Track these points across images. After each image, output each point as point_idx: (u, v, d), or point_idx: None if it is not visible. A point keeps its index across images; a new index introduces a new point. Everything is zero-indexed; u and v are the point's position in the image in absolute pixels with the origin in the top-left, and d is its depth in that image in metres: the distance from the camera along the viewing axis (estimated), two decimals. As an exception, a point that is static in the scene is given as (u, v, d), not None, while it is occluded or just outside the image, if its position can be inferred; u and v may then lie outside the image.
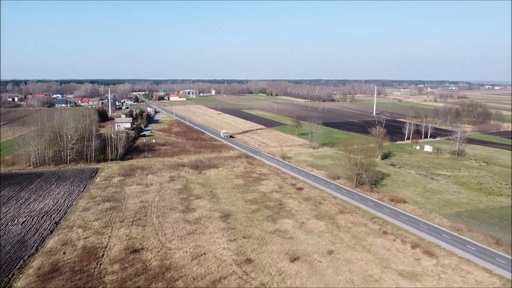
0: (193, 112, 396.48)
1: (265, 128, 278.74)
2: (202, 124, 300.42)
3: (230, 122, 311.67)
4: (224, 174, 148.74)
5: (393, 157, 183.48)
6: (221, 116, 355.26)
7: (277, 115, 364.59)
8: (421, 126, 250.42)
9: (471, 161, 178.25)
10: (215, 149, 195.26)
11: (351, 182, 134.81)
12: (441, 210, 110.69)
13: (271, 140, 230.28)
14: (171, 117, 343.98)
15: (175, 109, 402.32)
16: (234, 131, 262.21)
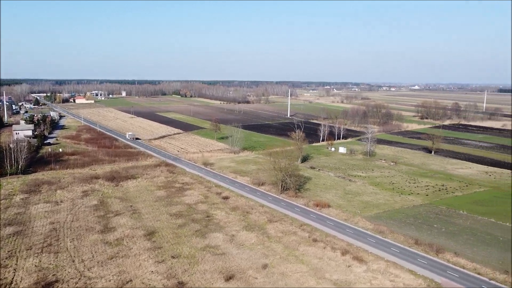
0: (103, 116, 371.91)
1: (183, 133, 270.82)
2: (115, 129, 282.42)
3: (145, 127, 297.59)
4: (144, 185, 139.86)
5: (311, 160, 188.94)
6: (135, 120, 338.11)
7: (194, 118, 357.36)
8: (334, 127, 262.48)
9: (382, 161, 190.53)
10: (131, 157, 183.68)
11: (276, 188, 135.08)
12: (363, 212, 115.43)
13: (191, 145, 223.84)
14: (79, 122, 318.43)
15: (83, 113, 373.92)
16: (150, 136, 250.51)
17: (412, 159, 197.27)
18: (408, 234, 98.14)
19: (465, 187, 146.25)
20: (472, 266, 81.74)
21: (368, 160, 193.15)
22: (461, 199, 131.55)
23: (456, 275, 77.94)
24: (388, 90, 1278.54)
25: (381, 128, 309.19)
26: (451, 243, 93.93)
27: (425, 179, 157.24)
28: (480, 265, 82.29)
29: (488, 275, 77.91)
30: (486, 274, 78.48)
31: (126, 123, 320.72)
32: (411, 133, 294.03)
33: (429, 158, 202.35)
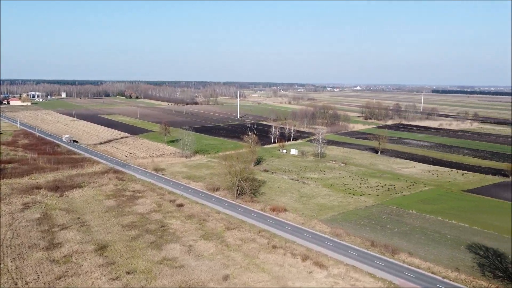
0: (42, 119, 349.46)
1: (131, 136, 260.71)
2: (56, 133, 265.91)
3: (89, 131, 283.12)
4: (91, 194, 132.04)
5: (264, 163, 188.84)
6: (77, 124, 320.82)
7: (142, 121, 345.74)
8: (284, 129, 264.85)
9: (332, 163, 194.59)
10: (76, 164, 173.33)
11: (231, 193, 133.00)
12: (319, 215, 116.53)
13: (139, 150, 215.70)
14: (15, 126, 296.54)
15: (19, 116, 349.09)
16: (95, 141, 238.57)
17: (360, 160, 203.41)
18: (364, 236, 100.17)
19: (412, 186, 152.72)
20: (426, 265, 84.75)
21: (319, 162, 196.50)
22: (409, 198, 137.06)
23: (412, 275, 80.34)
24: (332, 91, 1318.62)
25: (329, 129, 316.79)
26: (404, 243, 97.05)
27: (374, 179, 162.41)
28: (433, 264, 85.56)
29: (441, 274, 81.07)
30: (439, 272, 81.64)
31: (68, 126, 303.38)
32: (358, 134, 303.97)
33: (376, 158, 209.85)
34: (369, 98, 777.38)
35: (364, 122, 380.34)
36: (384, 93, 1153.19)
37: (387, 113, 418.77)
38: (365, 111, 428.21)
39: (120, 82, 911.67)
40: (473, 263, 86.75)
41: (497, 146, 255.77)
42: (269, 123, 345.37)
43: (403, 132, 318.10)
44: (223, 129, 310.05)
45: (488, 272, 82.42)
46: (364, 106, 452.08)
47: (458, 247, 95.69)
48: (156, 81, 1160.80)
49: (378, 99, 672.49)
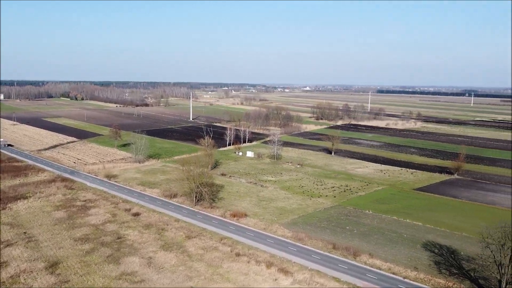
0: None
1: (78, 141, 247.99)
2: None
3: (32, 135, 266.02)
4: (38, 206, 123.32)
5: (221, 166, 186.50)
6: (19, 128, 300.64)
7: (89, 124, 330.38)
8: (239, 131, 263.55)
9: (289, 164, 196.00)
10: (18, 172, 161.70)
11: (189, 200, 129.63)
12: (280, 219, 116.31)
13: (89, 155, 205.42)
14: None
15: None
16: (40, 146, 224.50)
17: (315, 161, 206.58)
18: (325, 239, 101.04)
19: (366, 186, 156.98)
20: (387, 266, 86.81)
21: (275, 164, 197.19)
22: (365, 199, 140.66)
23: (375, 277, 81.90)
24: (283, 91, 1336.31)
25: (282, 130, 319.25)
26: (364, 244, 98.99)
27: (330, 180, 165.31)
28: (393, 264, 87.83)
29: (401, 274, 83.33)
30: (400, 273, 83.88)
31: (8, 131, 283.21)
32: (311, 134, 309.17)
33: (330, 159, 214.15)
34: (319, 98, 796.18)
35: (316, 122, 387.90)
36: (333, 93, 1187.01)
37: (337, 113, 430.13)
38: (316, 112, 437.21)
39: (64, 83, 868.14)
40: (429, 261, 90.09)
41: (440, 145, 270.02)
42: (223, 124, 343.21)
43: (353, 132, 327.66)
44: (176, 132, 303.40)
45: (444, 270, 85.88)
46: (315, 106, 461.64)
47: (414, 246, 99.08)
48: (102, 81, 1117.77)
49: (327, 100, 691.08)
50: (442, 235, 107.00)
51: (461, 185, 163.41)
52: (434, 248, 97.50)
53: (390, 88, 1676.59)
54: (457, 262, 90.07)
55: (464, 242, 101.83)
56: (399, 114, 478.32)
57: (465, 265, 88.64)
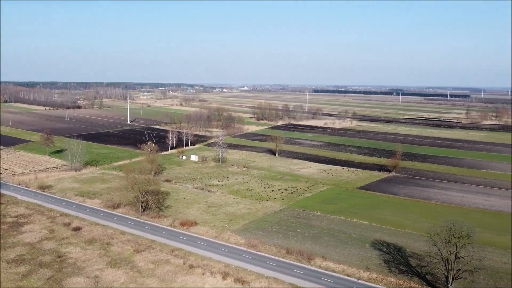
0: None
1: (4, 148, 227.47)
2: None
3: None
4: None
5: (165, 172, 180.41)
6: None
7: (16, 129, 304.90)
8: (182, 133, 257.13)
9: (234, 167, 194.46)
10: None
11: (135, 210, 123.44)
12: (231, 226, 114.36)
13: (17, 164, 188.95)
14: None
15: None
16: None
17: (261, 163, 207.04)
18: (278, 244, 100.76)
19: (312, 187, 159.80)
20: (340, 268, 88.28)
21: (221, 167, 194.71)
22: (312, 200, 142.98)
23: (330, 280, 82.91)
24: (221, 91, 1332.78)
25: (224, 132, 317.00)
26: (316, 247, 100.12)
27: (277, 182, 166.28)
28: (346, 265, 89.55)
29: (355, 275, 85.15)
30: (353, 274, 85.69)
31: None
32: (253, 135, 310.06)
33: (275, 160, 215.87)
34: (258, 98, 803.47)
35: (257, 123, 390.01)
36: (271, 93, 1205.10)
37: (277, 113, 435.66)
38: (257, 112, 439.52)
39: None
40: (379, 260, 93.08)
41: (375, 143, 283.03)
42: (163, 127, 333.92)
43: (294, 132, 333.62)
44: (113, 136, 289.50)
45: (394, 268, 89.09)
46: (255, 107, 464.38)
47: (363, 245, 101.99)
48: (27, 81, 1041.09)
49: (266, 100, 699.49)
50: (388, 233, 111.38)
51: (399, 182, 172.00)
52: (382, 246, 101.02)
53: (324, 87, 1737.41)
54: (404, 259, 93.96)
55: (408, 239, 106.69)
56: (336, 113, 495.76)
57: (412, 262, 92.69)
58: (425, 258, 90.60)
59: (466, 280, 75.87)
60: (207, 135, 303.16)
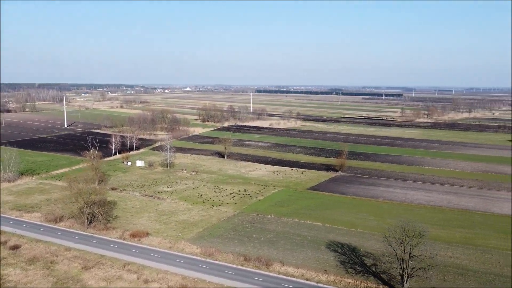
0: None
1: None
2: None
3: None
4: None
5: (110, 179, 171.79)
6: None
7: None
8: (126, 138, 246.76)
9: (183, 172, 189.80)
10: None
11: (79, 222, 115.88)
12: (185, 234, 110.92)
13: None
14: None
15: None
16: None
17: (210, 166, 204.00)
18: (235, 251, 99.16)
19: (263, 190, 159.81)
20: (299, 272, 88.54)
21: (169, 172, 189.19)
22: (265, 203, 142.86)
23: (290, 286, 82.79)
24: (163, 92, 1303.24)
25: (170, 135, 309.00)
26: (274, 252, 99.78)
27: (228, 186, 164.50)
28: (304, 269, 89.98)
29: (314, 279, 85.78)
30: (312, 278, 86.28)
31: None
32: (200, 138, 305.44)
33: (224, 163, 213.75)
34: (201, 99, 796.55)
35: (203, 125, 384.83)
36: (214, 94, 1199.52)
37: (222, 115, 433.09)
38: (202, 114, 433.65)
39: None
40: (336, 262, 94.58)
41: (320, 143, 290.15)
42: (104, 131, 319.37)
43: (241, 134, 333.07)
44: (50, 142, 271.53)
45: (350, 269, 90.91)
46: (201, 108, 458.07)
47: (319, 247, 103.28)
48: None
49: (210, 100, 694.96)
50: (341, 233, 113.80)
51: (346, 181, 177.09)
52: (337, 247, 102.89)
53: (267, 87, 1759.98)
54: (359, 259, 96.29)
55: (360, 238, 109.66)
56: (280, 113, 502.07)
57: (366, 261, 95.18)
58: (379, 256, 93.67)
59: (420, 278, 79.01)
60: (152, 138, 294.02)
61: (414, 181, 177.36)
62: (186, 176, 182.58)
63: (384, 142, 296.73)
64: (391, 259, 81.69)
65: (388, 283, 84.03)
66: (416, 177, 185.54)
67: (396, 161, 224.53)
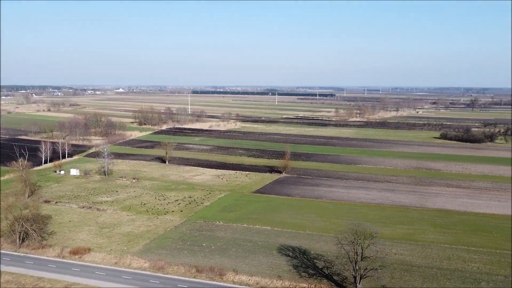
0: None
1: None
2: None
3: None
4: None
5: (41, 191, 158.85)
6: None
7: None
8: (56, 144, 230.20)
9: (123, 179, 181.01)
10: None
11: (10, 242, 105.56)
12: (131, 248, 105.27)
13: None
14: None
15: None
16: None
17: (151, 172, 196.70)
18: (186, 263, 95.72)
19: (209, 195, 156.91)
20: (254, 280, 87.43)
21: (107, 181, 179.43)
22: (212, 209, 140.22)
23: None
24: (94, 94, 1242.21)
25: (106, 140, 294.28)
26: (226, 260, 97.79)
27: (172, 193, 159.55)
28: (258, 277, 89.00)
29: (269, 286, 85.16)
30: (267, 285, 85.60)
31: None
32: (138, 142, 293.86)
33: (166, 168, 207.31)
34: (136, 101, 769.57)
35: (140, 128, 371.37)
36: (149, 95, 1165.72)
37: (160, 117, 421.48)
38: (138, 116, 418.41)
39: None
40: (289, 267, 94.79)
41: (261, 144, 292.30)
42: (31, 137, 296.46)
43: (180, 137, 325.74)
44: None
45: (303, 273, 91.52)
46: (137, 111, 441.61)
47: (271, 252, 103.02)
48: None
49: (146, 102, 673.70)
50: (291, 236, 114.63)
51: (290, 182, 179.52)
52: (288, 251, 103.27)
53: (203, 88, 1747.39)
54: (311, 262, 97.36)
55: (310, 240, 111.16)
56: (219, 115, 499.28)
57: (318, 263, 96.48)
58: (329, 258, 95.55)
59: (372, 278, 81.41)
60: (86, 144, 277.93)
61: (354, 180, 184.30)
62: (127, 184, 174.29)
63: (322, 142, 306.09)
64: (344, 261, 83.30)
65: (341, 285, 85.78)
66: (355, 175, 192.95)
67: (336, 160, 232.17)
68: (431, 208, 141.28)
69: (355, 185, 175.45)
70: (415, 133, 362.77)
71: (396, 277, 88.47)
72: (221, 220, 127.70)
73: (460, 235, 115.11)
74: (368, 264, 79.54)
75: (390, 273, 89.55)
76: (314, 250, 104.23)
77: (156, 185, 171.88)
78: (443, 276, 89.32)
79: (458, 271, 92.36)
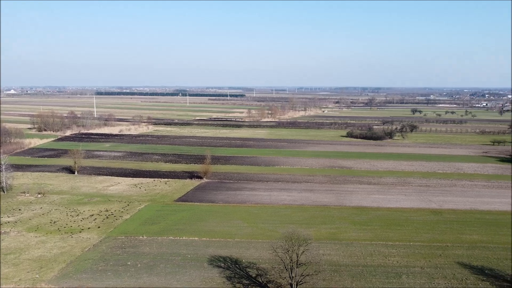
0: None
1: None
2: None
3: None
4: None
5: None
6: None
7: None
8: None
9: (25, 195, 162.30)
10: None
11: None
12: (44, 275, 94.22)
13: None
14: None
15: None
16: None
17: (59, 185, 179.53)
18: (111, 286, 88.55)
19: (128, 207, 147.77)
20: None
21: (7, 198, 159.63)
22: (133, 222, 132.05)
23: (182, 315, 77.58)
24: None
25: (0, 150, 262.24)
26: (155, 279, 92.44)
27: (86, 207, 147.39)
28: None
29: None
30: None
31: None
32: (39, 151, 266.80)
33: (76, 179, 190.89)
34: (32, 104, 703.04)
35: (40, 135, 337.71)
36: (47, 97, 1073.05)
37: (63, 122, 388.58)
38: (37, 122, 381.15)
39: None
40: (222, 279, 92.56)
41: (177, 148, 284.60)
42: None
43: (88, 143, 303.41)
44: None
45: (238, 284, 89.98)
46: (35, 115, 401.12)
47: (201, 265, 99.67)
48: None
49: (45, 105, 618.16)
50: (220, 245, 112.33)
51: (212, 188, 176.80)
52: (219, 262, 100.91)
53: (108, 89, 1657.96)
54: (244, 271, 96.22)
55: (240, 248, 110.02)
56: (129, 118, 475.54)
57: (251, 272, 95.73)
58: (262, 266, 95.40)
59: (308, 284, 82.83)
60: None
61: (275, 182, 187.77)
62: (31, 200, 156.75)
63: (239, 143, 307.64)
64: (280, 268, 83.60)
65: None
66: (275, 177, 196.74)
67: (254, 162, 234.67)
68: (349, 206, 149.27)
69: (276, 187, 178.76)
70: (324, 132, 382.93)
71: (327, 279, 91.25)
72: (144, 234, 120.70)
73: (377, 231, 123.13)
74: (303, 270, 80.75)
75: (320, 274, 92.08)
76: (246, 258, 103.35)
77: (66, 200, 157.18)
78: (368, 273, 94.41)
79: (381, 266, 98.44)
